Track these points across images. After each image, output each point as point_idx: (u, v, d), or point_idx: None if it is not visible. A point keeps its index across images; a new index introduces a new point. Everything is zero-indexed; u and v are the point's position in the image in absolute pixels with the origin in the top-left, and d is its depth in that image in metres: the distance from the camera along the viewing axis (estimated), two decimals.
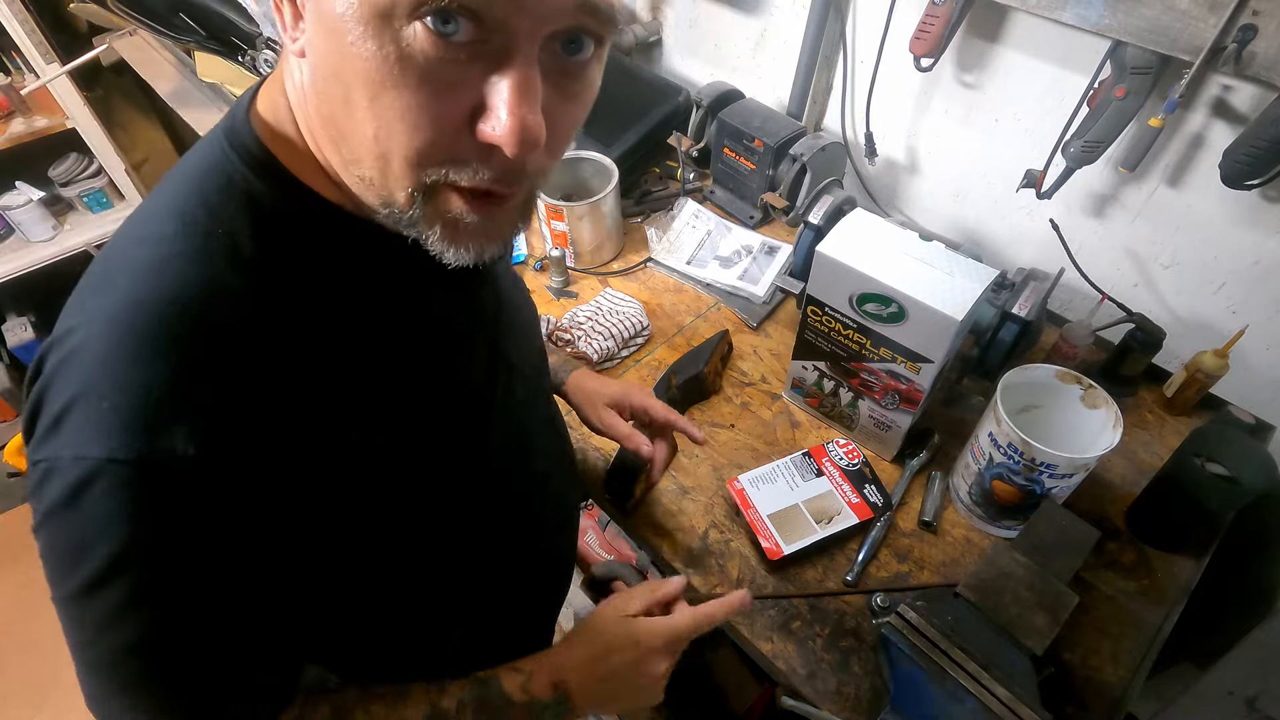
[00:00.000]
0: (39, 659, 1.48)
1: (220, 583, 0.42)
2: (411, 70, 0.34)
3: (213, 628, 0.43)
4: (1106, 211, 1.11)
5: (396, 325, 0.48)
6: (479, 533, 0.61)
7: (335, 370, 0.44)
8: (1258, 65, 0.82)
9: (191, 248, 0.40)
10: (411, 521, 0.52)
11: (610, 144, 1.34)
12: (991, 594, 0.73)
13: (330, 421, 0.44)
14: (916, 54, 1.09)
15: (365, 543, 0.49)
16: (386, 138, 0.37)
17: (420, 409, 0.50)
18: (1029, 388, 0.91)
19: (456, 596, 0.64)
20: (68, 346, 0.39)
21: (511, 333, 0.62)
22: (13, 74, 1.92)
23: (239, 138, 0.43)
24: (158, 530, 0.39)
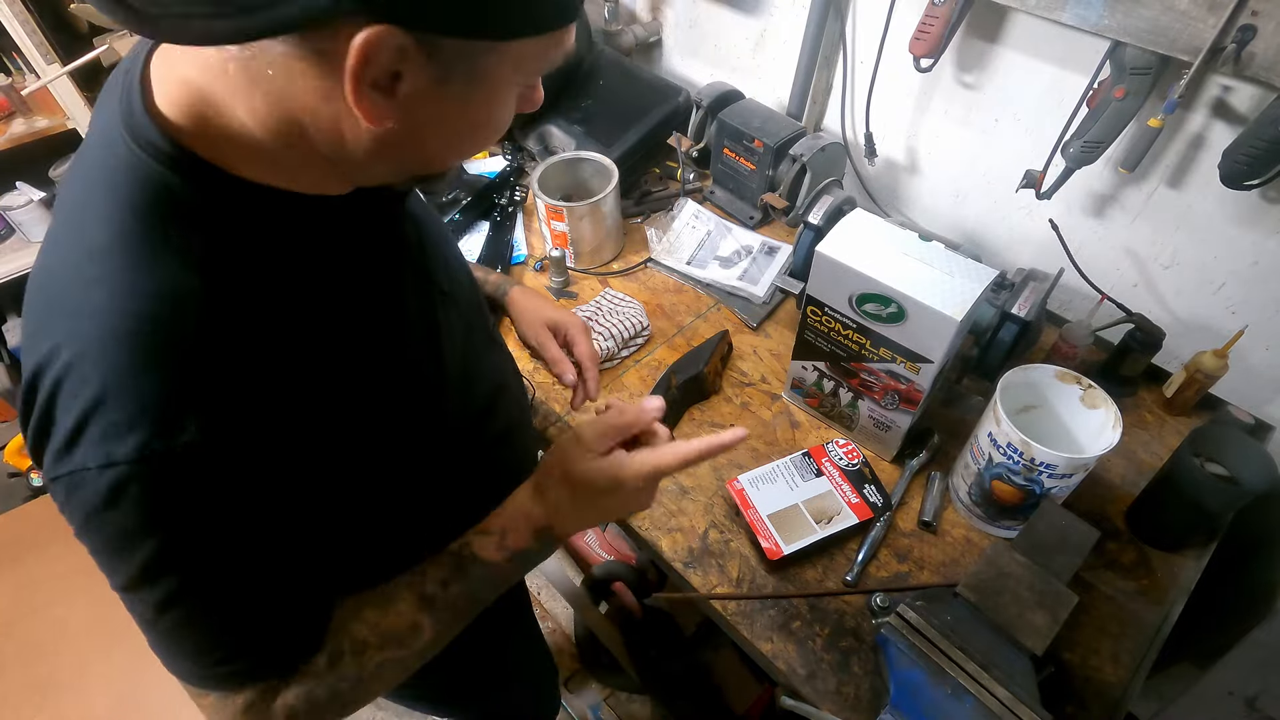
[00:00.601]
0: (39, 659, 1.48)
1: (254, 547, 0.47)
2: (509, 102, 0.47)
3: (256, 585, 0.48)
4: (1106, 212, 1.11)
5: (339, 281, 0.50)
6: (448, 453, 0.64)
7: (300, 337, 0.47)
8: (1257, 65, 0.82)
9: (138, 256, 0.42)
10: (391, 455, 0.55)
11: (610, 144, 1.34)
12: (991, 594, 0.73)
13: (308, 385, 0.47)
14: (916, 54, 1.09)
15: (353, 480, 0.53)
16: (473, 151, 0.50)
17: (380, 351, 0.53)
18: (1028, 388, 0.91)
19: (435, 510, 0.65)
20: (58, 367, 0.42)
21: (436, 260, 0.64)
22: (13, 74, 1.92)
23: (144, 134, 0.43)
24: (191, 514, 0.44)
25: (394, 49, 0.36)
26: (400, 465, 0.57)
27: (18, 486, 1.92)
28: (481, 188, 1.38)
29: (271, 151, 0.44)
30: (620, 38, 1.56)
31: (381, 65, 0.37)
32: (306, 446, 0.47)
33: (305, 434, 0.47)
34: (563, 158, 1.28)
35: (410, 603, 0.57)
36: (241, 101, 0.41)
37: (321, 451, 0.49)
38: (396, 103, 0.40)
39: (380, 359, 0.53)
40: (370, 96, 0.38)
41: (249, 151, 0.43)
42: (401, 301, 0.56)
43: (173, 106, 0.43)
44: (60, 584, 1.56)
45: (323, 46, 0.37)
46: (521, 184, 1.43)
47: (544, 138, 1.43)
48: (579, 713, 1.67)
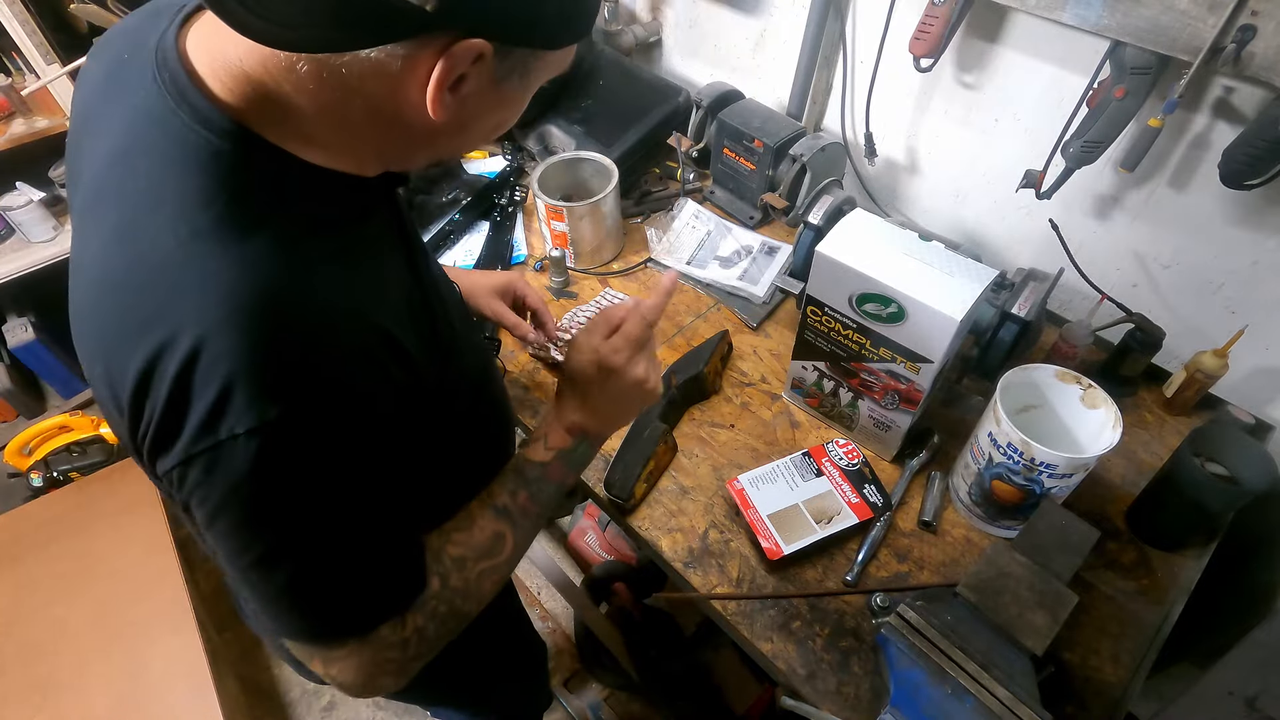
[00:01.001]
0: (39, 659, 1.48)
1: (372, 499, 0.50)
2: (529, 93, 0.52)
3: (379, 532, 0.52)
4: (1106, 212, 1.11)
5: (375, 250, 0.53)
6: (462, 409, 0.66)
7: (365, 304, 0.49)
8: (1257, 65, 0.82)
9: (246, 235, 0.44)
10: (433, 408, 0.58)
11: (610, 144, 1.34)
12: (991, 594, 0.73)
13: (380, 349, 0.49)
14: (916, 54, 1.09)
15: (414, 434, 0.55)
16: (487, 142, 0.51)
17: (413, 314, 0.55)
18: (1028, 388, 0.91)
19: (462, 461, 0.69)
20: (184, 348, 0.42)
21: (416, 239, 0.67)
22: (13, 75, 1.92)
23: (215, 123, 0.45)
24: (327, 473, 0.47)
25: (473, 56, 0.42)
26: (439, 418, 0.60)
27: (18, 486, 1.92)
28: (481, 188, 1.38)
29: (326, 137, 0.47)
30: (620, 38, 1.56)
31: (458, 69, 0.42)
32: (388, 407, 0.50)
33: (386, 396, 0.50)
34: (563, 158, 1.28)
35: (489, 517, 0.64)
36: (307, 94, 0.44)
37: (396, 409, 0.51)
38: (458, 100, 0.45)
39: (414, 322, 0.55)
40: (441, 98, 0.44)
41: (306, 137, 0.47)
42: (419, 270, 0.59)
43: (231, 95, 0.45)
44: (60, 584, 1.56)
45: (414, 53, 0.42)
46: (521, 184, 1.43)
47: (544, 138, 1.43)
48: (579, 713, 1.67)
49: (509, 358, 1.16)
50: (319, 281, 0.47)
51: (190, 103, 0.45)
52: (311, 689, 1.78)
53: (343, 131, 0.47)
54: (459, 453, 0.67)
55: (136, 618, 1.51)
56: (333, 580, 0.51)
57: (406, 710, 1.74)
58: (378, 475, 0.50)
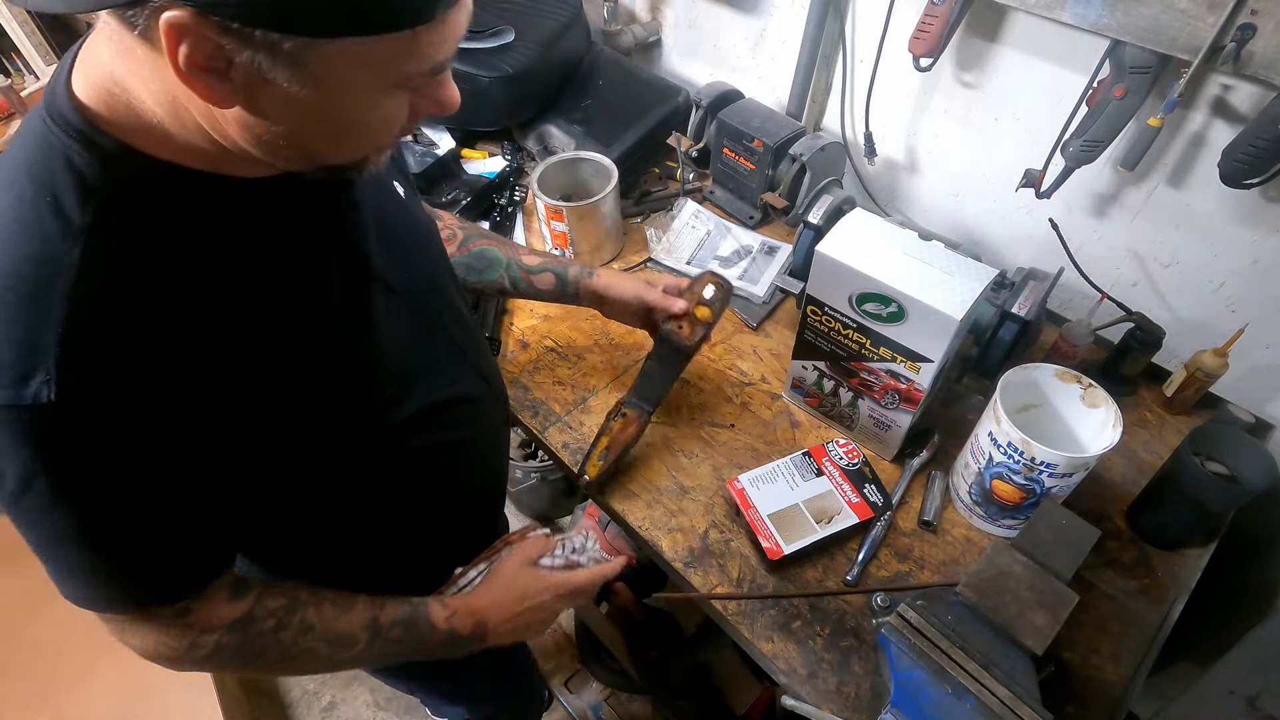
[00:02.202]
0: (39, 660, 1.48)
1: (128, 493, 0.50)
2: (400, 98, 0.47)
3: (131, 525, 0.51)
4: (1106, 211, 1.11)
5: (247, 260, 0.51)
6: (376, 448, 0.66)
7: (197, 311, 0.48)
8: (1256, 64, 0.82)
9: (23, 218, 0.44)
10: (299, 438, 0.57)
11: (610, 144, 1.34)
12: (991, 593, 0.73)
13: (201, 357, 0.48)
14: (916, 54, 1.09)
15: (261, 460, 0.56)
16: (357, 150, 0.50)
17: (285, 334, 0.54)
18: (1029, 387, 0.91)
19: (364, 502, 0.69)
20: None
21: (392, 257, 0.64)
22: (13, 75, 1.92)
23: (59, 111, 0.45)
24: (44, 458, 0.46)
25: (202, 34, 0.38)
26: (313, 451, 0.60)
27: None
28: (481, 188, 1.38)
29: (175, 133, 0.46)
30: (620, 38, 1.56)
31: (202, 49, 0.38)
32: (200, 417, 0.49)
33: (198, 405, 0.49)
34: (562, 158, 1.28)
35: (362, 621, 0.66)
36: (145, 85, 0.44)
37: (219, 424, 0.51)
38: (235, 87, 0.41)
39: (285, 341, 0.54)
40: (203, 79, 0.40)
41: (157, 133, 0.46)
42: (322, 288, 0.57)
43: (89, 88, 0.45)
44: None
45: (150, 31, 0.39)
46: (521, 184, 1.43)
47: (543, 138, 1.43)
48: (579, 713, 1.67)
49: (509, 359, 1.16)
50: (96, 278, 0.45)
51: (54, 96, 0.46)
52: (312, 689, 1.78)
53: (184, 127, 0.45)
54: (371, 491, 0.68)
55: None
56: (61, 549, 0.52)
57: (408, 710, 1.74)
58: (130, 474, 0.49)
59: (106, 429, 0.46)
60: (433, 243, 0.76)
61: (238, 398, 0.51)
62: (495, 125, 1.43)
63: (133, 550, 0.53)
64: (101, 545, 0.52)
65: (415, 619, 0.70)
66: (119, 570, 0.54)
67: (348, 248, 0.59)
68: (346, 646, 0.66)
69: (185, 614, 0.57)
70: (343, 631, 0.65)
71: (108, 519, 0.50)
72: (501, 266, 0.95)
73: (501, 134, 1.49)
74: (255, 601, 0.61)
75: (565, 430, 1.06)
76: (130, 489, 0.50)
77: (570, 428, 1.06)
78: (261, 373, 0.52)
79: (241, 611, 0.60)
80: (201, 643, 0.58)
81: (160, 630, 0.57)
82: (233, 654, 0.60)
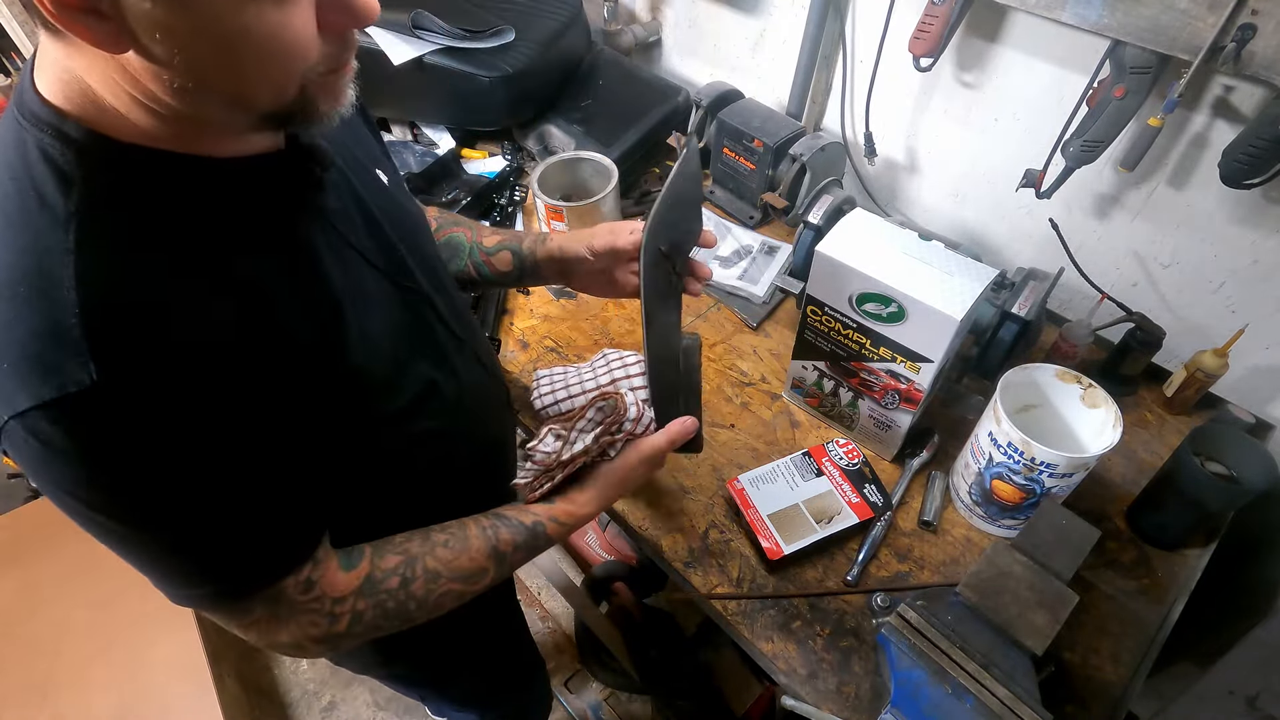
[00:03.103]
0: (39, 659, 1.48)
1: (181, 471, 0.48)
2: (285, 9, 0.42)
3: (195, 507, 0.50)
4: (1106, 211, 1.11)
5: (234, 240, 0.51)
6: (383, 437, 0.65)
7: (191, 291, 0.47)
8: (1257, 64, 0.82)
9: (11, 214, 0.44)
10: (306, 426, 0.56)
11: (610, 144, 1.34)
12: (991, 593, 0.73)
13: (203, 335, 0.48)
14: (916, 54, 1.09)
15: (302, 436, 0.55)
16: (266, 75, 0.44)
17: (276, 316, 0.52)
18: (1029, 387, 0.91)
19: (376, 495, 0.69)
20: None
21: (377, 238, 0.63)
22: (13, 75, 1.92)
23: (27, 108, 0.45)
24: (104, 448, 0.45)
25: None
26: (317, 434, 0.58)
27: (18, 487, 1.92)
28: (481, 187, 1.38)
29: (125, 112, 0.45)
30: (620, 37, 1.56)
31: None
32: (218, 395, 0.48)
33: (212, 383, 0.48)
34: (562, 158, 1.28)
35: (484, 553, 0.67)
36: (86, 70, 0.43)
37: (243, 401, 0.50)
38: (118, 26, 0.39)
39: (283, 322, 0.53)
40: (82, 21, 0.39)
41: (114, 116, 0.45)
42: (312, 268, 0.56)
43: (50, 83, 0.45)
44: (60, 584, 1.55)
45: None
46: (521, 184, 1.43)
47: (543, 137, 1.43)
48: (579, 713, 1.67)
49: (509, 359, 1.15)
50: (95, 264, 0.44)
51: (23, 92, 0.46)
52: (312, 689, 1.78)
53: (124, 102, 0.44)
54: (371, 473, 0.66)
55: (136, 618, 1.51)
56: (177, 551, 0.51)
57: (408, 710, 1.74)
58: (194, 455, 0.48)
59: (157, 398, 0.45)
60: (422, 230, 0.75)
61: (248, 378, 0.50)
62: (495, 125, 1.43)
63: (237, 526, 0.52)
64: (205, 529, 0.51)
65: (533, 538, 0.70)
66: (233, 552, 0.53)
67: (332, 229, 0.59)
68: (478, 579, 0.67)
69: (311, 588, 0.57)
70: (470, 569, 0.66)
71: (201, 497, 0.50)
72: (465, 253, 0.89)
73: (501, 134, 1.49)
74: (370, 564, 0.61)
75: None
76: (206, 460, 0.49)
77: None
78: (266, 355, 0.51)
79: (361, 577, 0.60)
80: (339, 613, 0.59)
81: (299, 615, 0.57)
82: (376, 618, 0.61)
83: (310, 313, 0.55)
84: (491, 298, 1.20)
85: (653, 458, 0.73)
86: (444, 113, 1.44)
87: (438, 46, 1.30)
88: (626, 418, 0.71)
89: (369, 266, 0.62)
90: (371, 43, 1.26)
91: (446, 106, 1.41)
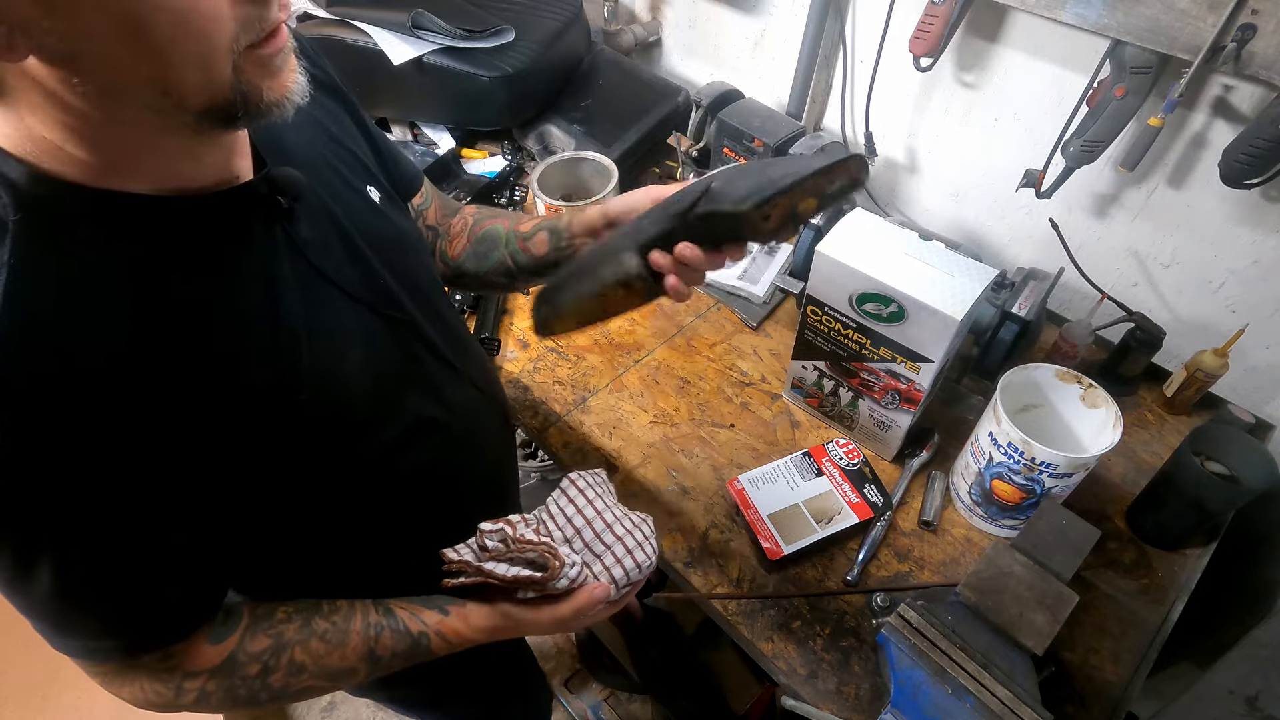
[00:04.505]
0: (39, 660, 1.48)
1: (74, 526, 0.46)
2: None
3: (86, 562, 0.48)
4: (1106, 211, 1.11)
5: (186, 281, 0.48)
6: (371, 474, 0.63)
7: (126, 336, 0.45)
8: (1257, 64, 0.82)
9: None
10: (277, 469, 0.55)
11: (610, 144, 1.34)
12: (991, 594, 0.73)
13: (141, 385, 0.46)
14: (916, 54, 1.09)
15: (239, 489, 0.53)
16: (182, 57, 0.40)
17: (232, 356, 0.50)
18: (1029, 387, 0.91)
19: (366, 532, 0.67)
20: None
21: (358, 262, 0.61)
22: None
23: None
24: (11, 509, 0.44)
25: None
26: (294, 476, 0.57)
27: None
28: (481, 187, 1.38)
29: (68, 144, 0.43)
30: (620, 37, 1.56)
31: None
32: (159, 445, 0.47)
33: (154, 432, 0.46)
34: (562, 157, 1.28)
35: (359, 653, 0.62)
36: (19, 94, 0.41)
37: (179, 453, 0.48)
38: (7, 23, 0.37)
39: (236, 363, 0.51)
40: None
41: (55, 149, 0.43)
42: (270, 304, 0.53)
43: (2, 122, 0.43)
44: None
45: None
46: (521, 184, 1.43)
47: (543, 137, 1.43)
48: (579, 713, 1.67)
49: (509, 358, 1.15)
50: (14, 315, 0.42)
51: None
52: None
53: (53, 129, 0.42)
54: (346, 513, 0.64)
55: None
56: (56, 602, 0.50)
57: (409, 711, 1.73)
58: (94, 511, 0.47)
59: (63, 465, 0.44)
60: (412, 250, 0.72)
61: (192, 423, 0.48)
62: (495, 125, 1.43)
63: (115, 597, 0.51)
64: (82, 595, 0.50)
65: (415, 649, 0.65)
66: (104, 621, 0.52)
67: (303, 260, 0.56)
68: (344, 678, 0.63)
69: (168, 658, 0.55)
70: (339, 668, 0.62)
71: (83, 566, 0.48)
72: (501, 243, 0.84)
73: (501, 134, 1.49)
74: (237, 645, 0.58)
75: (565, 430, 1.06)
76: (104, 530, 0.47)
77: (570, 427, 1.06)
78: (214, 396, 0.49)
79: (223, 656, 0.57)
80: (186, 688, 0.56)
81: (147, 679, 0.56)
82: (221, 701, 0.58)
83: (262, 352, 0.52)
84: (492, 297, 1.20)
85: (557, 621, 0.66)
86: (444, 113, 1.44)
87: (438, 46, 1.30)
88: (554, 585, 0.64)
89: (348, 299, 0.59)
90: (371, 43, 1.26)
91: (446, 106, 1.41)
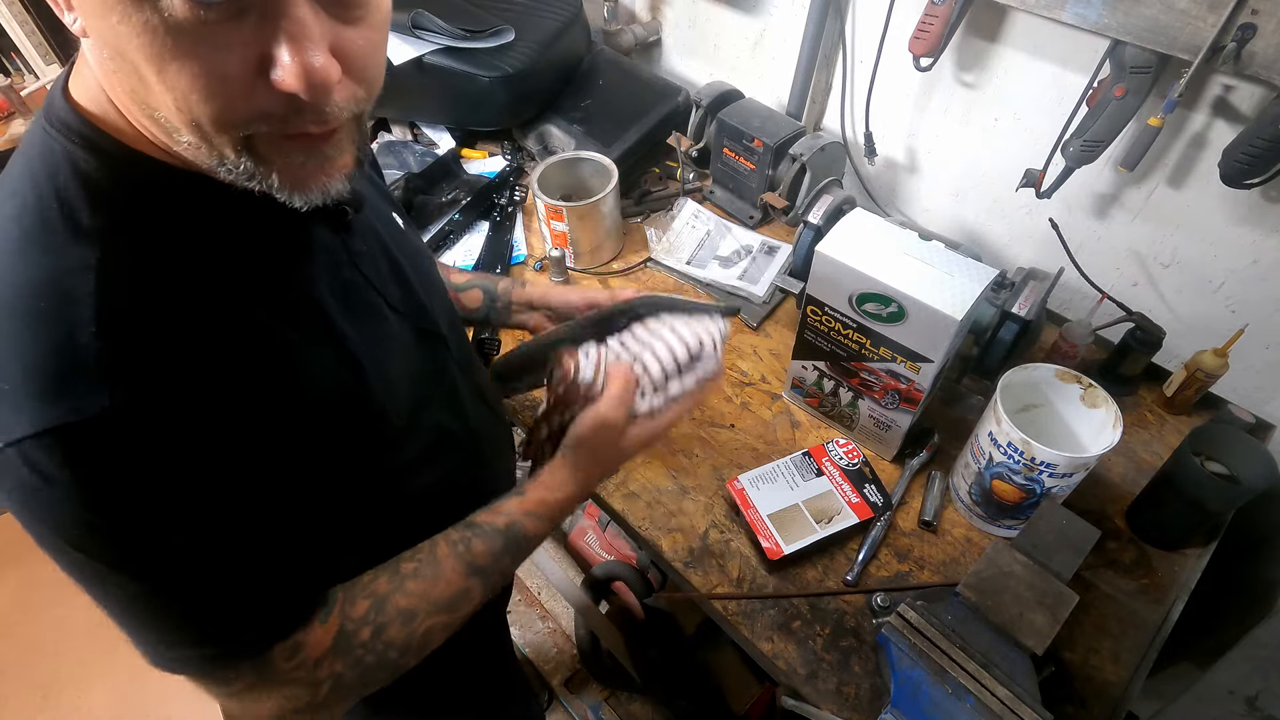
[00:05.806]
0: (39, 660, 1.48)
1: (185, 515, 0.44)
2: (184, 39, 0.35)
3: (195, 557, 0.45)
4: (1106, 211, 1.11)
5: (247, 270, 0.48)
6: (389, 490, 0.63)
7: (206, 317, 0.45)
8: (1257, 64, 0.82)
9: (31, 227, 0.42)
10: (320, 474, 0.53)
11: (610, 144, 1.34)
12: (991, 593, 0.73)
13: (218, 363, 0.45)
14: (916, 54, 1.09)
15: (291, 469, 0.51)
16: (187, 107, 0.38)
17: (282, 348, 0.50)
18: (1029, 387, 0.91)
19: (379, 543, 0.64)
20: None
21: (398, 280, 0.62)
22: (12, 75, 1.93)
23: (57, 115, 0.44)
24: (107, 482, 0.41)
25: None
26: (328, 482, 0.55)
27: None
28: (481, 187, 1.38)
29: (145, 125, 0.43)
30: (620, 37, 1.56)
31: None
32: (229, 425, 0.45)
33: (224, 412, 0.45)
34: (562, 157, 1.28)
35: (460, 572, 0.60)
36: (102, 69, 0.41)
37: (245, 433, 0.47)
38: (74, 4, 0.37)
39: (283, 355, 0.50)
40: None
41: (140, 127, 0.43)
42: (333, 320, 0.53)
43: (85, 93, 0.43)
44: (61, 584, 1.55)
45: None
46: (521, 184, 1.43)
47: (543, 137, 1.43)
48: (579, 713, 1.67)
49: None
50: (118, 282, 0.42)
51: (52, 104, 0.44)
52: None
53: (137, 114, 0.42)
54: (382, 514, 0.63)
55: None
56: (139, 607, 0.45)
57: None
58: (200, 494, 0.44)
59: (171, 432, 0.42)
60: (432, 270, 0.73)
61: (265, 422, 0.47)
62: (495, 125, 1.43)
63: (239, 580, 0.47)
64: (203, 580, 0.46)
65: (512, 540, 0.63)
66: (230, 609, 0.48)
67: (357, 272, 0.57)
68: (462, 603, 0.60)
69: (296, 652, 0.51)
70: (449, 595, 0.59)
71: (204, 544, 0.45)
72: None
73: (501, 134, 1.49)
74: (341, 617, 0.54)
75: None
76: (216, 503, 0.45)
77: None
78: (283, 400, 0.48)
79: (333, 634, 0.53)
80: (320, 678, 0.52)
81: (284, 686, 0.51)
82: (357, 678, 0.54)
83: (329, 363, 0.52)
84: None
85: (604, 421, 0.64)
86: (444, 113, 1.44)
87: (438, 46, 1.30)
88: (581, 378, 0.63)
89: (392, 311, 0.60)
90: None
91: (446, 106, 1.41)
